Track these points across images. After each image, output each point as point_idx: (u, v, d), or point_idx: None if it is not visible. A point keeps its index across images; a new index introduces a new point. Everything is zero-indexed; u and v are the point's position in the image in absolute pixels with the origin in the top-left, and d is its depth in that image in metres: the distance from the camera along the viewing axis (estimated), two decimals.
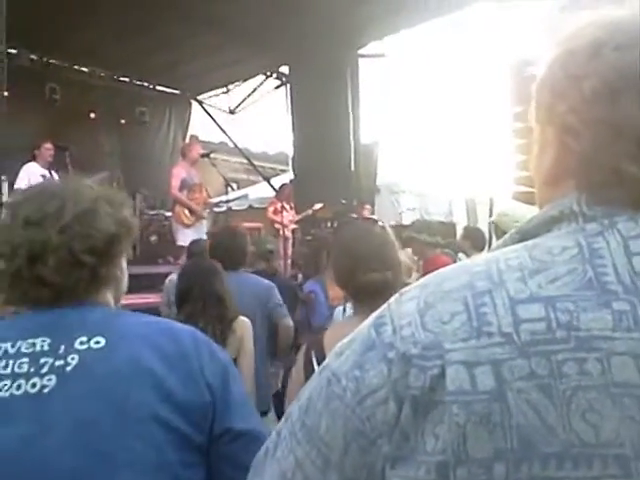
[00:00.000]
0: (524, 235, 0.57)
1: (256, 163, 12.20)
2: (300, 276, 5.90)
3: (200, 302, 2.48)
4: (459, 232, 7.00)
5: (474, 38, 8.40)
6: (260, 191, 10.93)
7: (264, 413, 2.94)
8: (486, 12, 7.86)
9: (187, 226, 6.05)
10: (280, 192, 7.97)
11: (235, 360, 2.50)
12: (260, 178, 11.64)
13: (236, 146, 11.43)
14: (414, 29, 8.55)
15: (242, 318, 2.60)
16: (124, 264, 1.06)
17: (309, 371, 1.39)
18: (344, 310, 1.61)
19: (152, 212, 8.42)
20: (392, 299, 0.56)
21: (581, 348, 0.46)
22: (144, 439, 0.84)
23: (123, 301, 1.13)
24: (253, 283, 3.16)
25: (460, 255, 4.63)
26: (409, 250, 4.32)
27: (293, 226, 7.79)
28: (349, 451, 0.51)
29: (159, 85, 10.48)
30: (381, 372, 0.51)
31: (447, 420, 0.46)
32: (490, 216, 7.53)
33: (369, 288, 1.43)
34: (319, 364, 1.37)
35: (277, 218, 7.54)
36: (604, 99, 0.53)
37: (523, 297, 0.49)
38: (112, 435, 0.83)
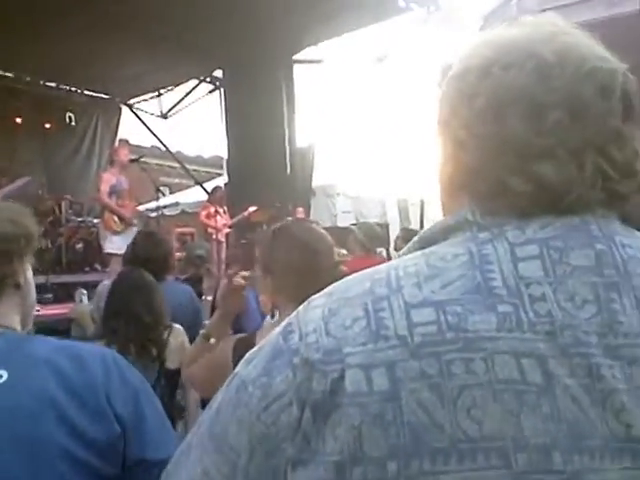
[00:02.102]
0: (423, 243, 0.59)
1: (190, 167, 12.01)
2: None
3: (121, 320, 2.42)
4: (392, 233, 7.16)
5: (407, 44, 8.59)
6: (193, 195, 10.75)
7: None
8: (419, 19, 8.07)
9: (116, 233, 5.87)
10: (212, 196, 7.91)
11: (179, 371, 2.43)
12: (193, 182, 11.46)
13: (168, 150, 11.21)
14: (349, 35, 8.68)
15: (176, 327, 2.54)
16: (29, 276, 1.00)
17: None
18: (272, 317, 1.60)
19: (79, 219, 8.14)
20: (301, 307, 0.58)
21: (468, 348, 0.48)
22: (51, 476, 0.81)
23: (48, 311, 1.07)
24: (172, 291, 3.09)
25: (397, 254, 4.73)
26: (343, 251, 4.39)
27: (227, 230, 7.72)
28: (255, 456, 0.52)
29: (87, 90, 10.15)
30: (286, 377, 0.52)
31: (344, 422, 0.48)
32: (421, 217, 7.75)
33: (335, 272, 1.42)
34: None
35: (210, 222, 7.48)
36: (491, 115, 0.56)
37: (417, 302, 0.51)
38: (16, 473, 0.80)
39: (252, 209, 7.40)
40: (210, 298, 3.22)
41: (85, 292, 3.80)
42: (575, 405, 0.47)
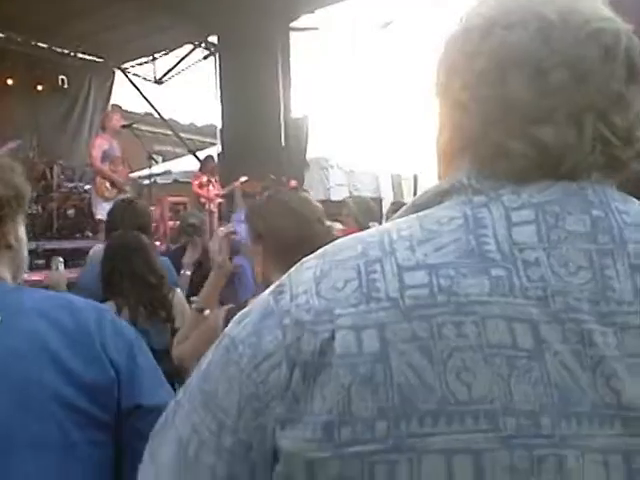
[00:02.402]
0: (417, 207, 0.59)
1: (183, 135, 11.87)
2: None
3: (126, 282, 2.37)
4: (386, 208, 7.16)
5: (404, 15, 8.47)
6: (186, 164, 10.66)
7: None
8: None
9: (107, 199, 5.83)
10: (204, 165, 7.83)
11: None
12: (186, 150, 11.35)
13: (161, 117, 11.07)
14: (345, 3, 8.54)
15: (177, 291, 2.54)
16: (21, 234, 0.99)
17: None
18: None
19: (70, 185, 8.05)
20: (293, 268, 0.57)
21: (459, 312, 0.48)
22: (45, 419, 0.82)
23: (39, 277, 1.07)
24: None
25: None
26: (338, 224, 4.39)
27: (219, 200, 7.67)
28: (243, 414, 0.52)
29: (80, 52, 9.95)
30: (276, 338, 0.51)
31: (333, 382, 0.48)
32: (415, 192, 7.75)
33: (328, 238, 1.44)
34: None
35: (202, 192, 7.42)
36: (493, 77, 0.54)
37: (410, 265, 0.51)
38: (10, 415, 0.80)
39: (243, 179, 7.35)
40: (189, 273, 3.16)
41: (61, 260, 3.72)
42: (565, 371, 0.47)
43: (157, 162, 8.02)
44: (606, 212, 0.53)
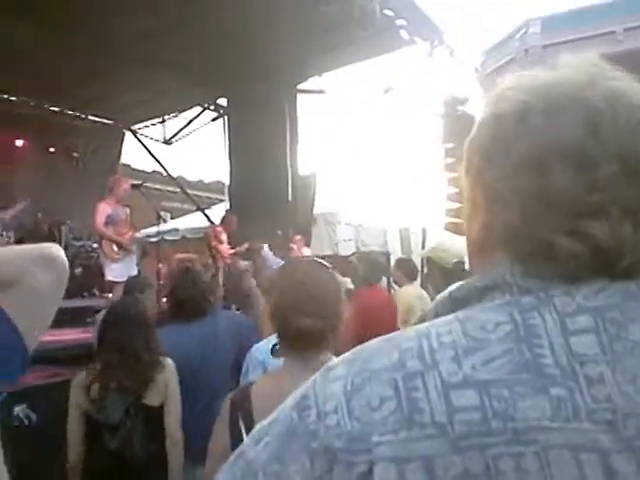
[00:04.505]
0: (455, 302, 0.54)
1: (191, 192, 12.01)
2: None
3: (115, 354, 2.35)
4: (392, 262, 7.11)
5: (410, 76, 8.70)
6: (194, 221, 10.72)
7: None
8: (422, 52, 8.17)
9: (116, 260, 5.80)
10: (224, 221, 7.71)
11: (160, 407, 2.37)
12: (194, 207, 11.45)
13: (169, 175, 11.22)
14: (353, 66, 8.79)
15: (168, 361, 2.46)
16: None
17: (236, 436, 1.28)
18: (272, 350, 1.54)
19: (78, 243, 8.08)
20: (318, 374, 0.51)
21: (518, 441, 0.42)
22: None
23: (46, 337, 1.01)
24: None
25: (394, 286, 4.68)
26: (348, 279, 4.32)
27: (229, 260, 7.62)
28: None
29: (92, 115, 10.21)
30: (303, 467, 0.45)
31: None
32: (423, 246, 7.71)
33: (298, 334, 1.37)
34: (246, 426, 1.26)
35: (220, 247, 7.34)
36: (533, 167, 0.50)
37: (456, 381, 0.45)
38: None
39: (246, 246, 7.34)
40: None
41: None
42: None
43: (165, 220, 8.04)
44: None
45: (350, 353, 0.51)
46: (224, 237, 7.41)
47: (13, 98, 9.09)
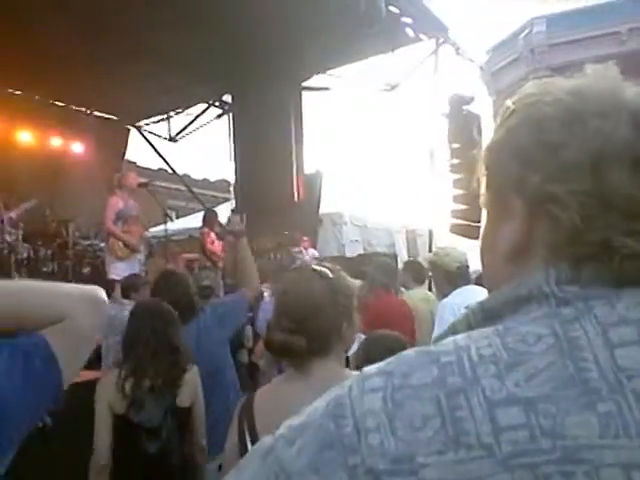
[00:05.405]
0: (487, 313, 0.53)
1: (197, 190, 12.02)
2: None
3: (150, 350, 2.28)
4: (401, 264, 7.11)
5: (415, 75, 8.66)
6: (200, 220, 10.69)
7: None
8: (427, 50, 8.15)
9: (120, 259, 5.77)
10: (207, 220, 7.44)
11: (189, 409, 2.35)
12: (200, 205, 11.44)
13: (175, 173, 11.22)
14: (359, 64, 8.76)
15: (194, 367, 2.43)
16: None
17: (244, 446, 1.29)
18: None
19: (86, 242, 8.08)
20: (352, 381, 0.50)
21: (568, 460, 0.41)
22: None
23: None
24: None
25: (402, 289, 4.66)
26: (358, 281, 4.30)
27: (224, 255, 7.46)
28: None
29: (96, 111, 10.20)
30: None
31: None
32: (429, 248, 7.69)
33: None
34: (251, 437, 1.27)
35: (214, 248, 7.23)
36: (587, 169, 0.50)
37: (500, 398, 0.44)
38: None
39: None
40: None
41: None
42: None
43: (172, 219, 8.02)
44: None
45: (385, 363, 0.50)
46: (213, 235, 7.28)
47: (18, 92, 9.07)
